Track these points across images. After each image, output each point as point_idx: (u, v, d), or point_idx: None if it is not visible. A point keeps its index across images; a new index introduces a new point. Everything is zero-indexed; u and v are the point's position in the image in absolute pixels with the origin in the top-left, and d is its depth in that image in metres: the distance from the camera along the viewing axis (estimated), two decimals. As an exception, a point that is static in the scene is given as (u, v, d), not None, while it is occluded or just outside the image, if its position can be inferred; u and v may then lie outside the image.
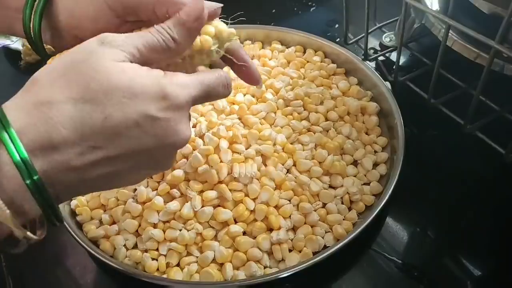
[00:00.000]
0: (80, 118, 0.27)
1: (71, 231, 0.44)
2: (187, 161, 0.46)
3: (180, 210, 0.44)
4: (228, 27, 0.35)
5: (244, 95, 0.54)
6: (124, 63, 0.29)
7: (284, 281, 0.42)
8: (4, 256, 0.45)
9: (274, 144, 0.48)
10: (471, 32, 0.43)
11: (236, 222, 0.45)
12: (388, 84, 0.54)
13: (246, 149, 0.47)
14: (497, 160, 0.47)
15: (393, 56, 0.63)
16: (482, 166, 0.51)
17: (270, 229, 0.44)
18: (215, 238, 0.44)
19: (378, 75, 0.55)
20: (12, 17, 0.37)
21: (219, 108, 0.52)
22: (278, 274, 0.40)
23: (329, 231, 0.45)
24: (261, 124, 0.50)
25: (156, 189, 0.46)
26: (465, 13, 0.47)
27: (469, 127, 0.49)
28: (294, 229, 0.45)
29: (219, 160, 0.45)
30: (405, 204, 0.49)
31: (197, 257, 0.43)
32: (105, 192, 0.47)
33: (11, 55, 0.70)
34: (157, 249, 0.44)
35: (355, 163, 0.50)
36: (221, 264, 0.43)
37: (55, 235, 0.48)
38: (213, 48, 0.34)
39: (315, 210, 0.45)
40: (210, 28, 0.34)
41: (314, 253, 0.43)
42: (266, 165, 0.47)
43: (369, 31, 0.58)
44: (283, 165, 0.48)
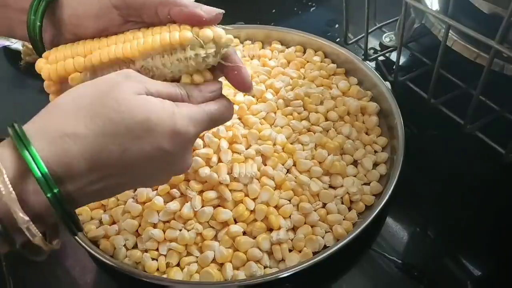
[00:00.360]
0: (99, 152, 0.29)
1: (71, 231, 0.44)
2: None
3: (180, 210, 0.44)
4: (226, 32, 0.35)
5: (244, 95, 0.54)
6: (144, 96, 0.31)
7: (284, 281, 0.42)
8: (4, 256, 0.45)
9: (274, 144, 0.48)
10: (471, 32, 0.43)
11: (236, 222, 0.45)
12: (388, 84, 0.54)
13: (246, 149, 0.47)
14: (497, 160, 0.47)
15: (393, 56, 0.63)
16: (482, 166, 0.51)
17: (270, 229, 0.44)
18: (215, 238, 0.44)
19: (378, 75, 0.55)
20: (13, 19, 0.37)
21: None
22: (278, 274, 0.40)
23: (329, 231, 0.45)
24: (261, 124, 0.50)
25: (156, 189, 0.46)
26: (465, 13, 0.47)
27: (469, 127, 0.49)
28: (294, 229, 0.45)
29: (219, 161, 0.46)
30: (405, 204, 0.49)
31: (197, 257, 0.43)
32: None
33: (11, 55, 0.70)
34: (157, 249, 0.44)
35: (355, 163, 0.50)
36: (221, 264, 0.43)
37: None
38: (210, 52, 0.34)
39: (315, 210, 0.45)
40: (208, 32, 0.34)
41: (314, 253, 0.43)
42: (266, 165, 0.47)
43: (369, 31, 0.58)
44: (283, 165, 0.48)
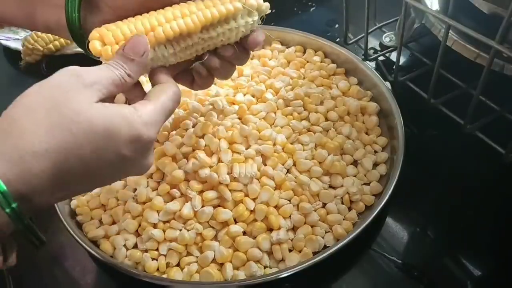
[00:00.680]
0: (61, 166, 0.28)
1: (71, 231, 0.44)
2: (188, 162, 0.46)
3: (180, 210, 0.44)
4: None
5: (244, 95, 0.54)
6: (101, 104, 0.30)
7: (284, 281, 0.42)
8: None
9: (274, 144, 0.48)
10: (471, 32, 0.43)
11: (236, 222, 0.45)
12: (388, 84, 0.54)
13: (246, 149, 0.47)
14: (497, 160, 0.47)
15: (393, 56, 0.63)
16: (482, 166, 0.51)
17: (270, 229, 0.44)
18: (215, 238, 0.44)
19: (378, 75, 0.55)
20: (34, 3, 0.37)
21: (219, 108, 0.52)
22: (278, 274, 0.40)
23: (329, 231, 0.45)
24: (261, 124, 0.50)
25: (156, 189, 0.46)
26: (465, 13, 0.47)
27: (469, 127, 0.49)
28: (294, 229, 0.45)
29: (219, 161, 0.46)
30: (405, 204, 0.49)
31: (197, 257, 0.43)
32: (105, 192, 0.47)
33: (11, 55, 0.70)
34: (157, 249, 0.44)
35: (355, 163, 0.50)
36: (221, 264, 0.43)
37: (55, 236, 0.48)
38: (255, 19, 0.38)
39: (315, 210, 0.45)
40: (253, 1, 0.37)
41: (314, 253, 0.43)
42: (266, 165, 0.47)
43: (369, 31, 0.58)
44: (283, 165, 0.48)
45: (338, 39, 0.67)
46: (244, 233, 0.44)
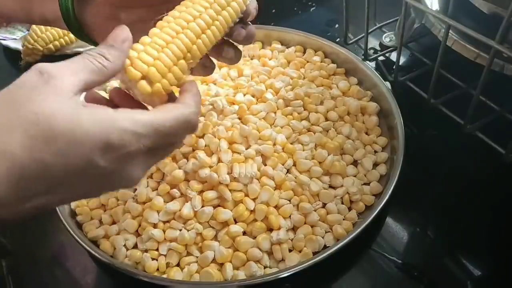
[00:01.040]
0: (20, 170, 0.26)
1: (71, 231, 0.44)
2: (188, 162, 0.46)
3: (180, 210, 0.44)
4: None
5: (244, 95, 0.54)
6: (68, 103, 0.27)
7: (284, 281, 0.42)
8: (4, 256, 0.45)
9: (274, 144, 0.48)
10: (471, 32, 0.43)
11: (236, 222, 0.45)
12: (388, 84, 0.54)
13: (246, 149, 0.47)
14: (497, 160, 0.47)
15: (393, 56, 0.63)
16: (482, 166, 0.51)
17: (270, 229, 0.44)
18: (215, 238, 0.44)
19: (378, 75, 0.55)
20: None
21: (219, 108, 0.52)
22: (278, 274, 0.40)
23: (329, 231, 0.45)
24: (261, 124, 0.50)
25: (156, 189, 0.46)
26: (465, 13, 0.47)
27: (469, 127, 0.49)
28: (294, 229, 0.45)
29: (219, 161, 0.46)
30: (405, 204, 0.49)
31: (197, 257, 0.43)
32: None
33: (11, 55, 0.70)
34: (157, 249, 0.44)
35: (355, 163, 0.50)
36: (221, 264, 0.43)
37: (55, 236, 0.48)
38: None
39: (315, 210, 0.45)
40: None
41: (314, 253, 0.43)
42: (266, 165, 0.47)
43: (369, 31, 0.58)
44: (283, 165, 0.48)
45: (338, 39, 0.67)
46: (244, 233, 0.44)
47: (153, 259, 0.43)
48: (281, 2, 0.77)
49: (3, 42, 0.70)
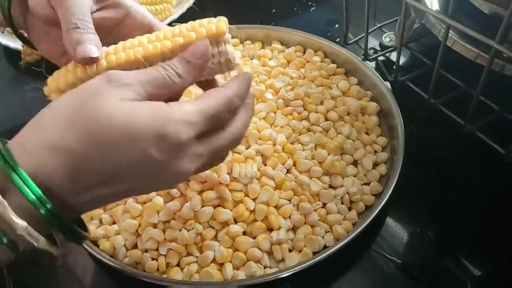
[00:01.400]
0: (78, 163, 0.28)
1: (71, 231, 0.44)
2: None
3: (180, 210, 0.44)
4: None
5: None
6: (127, 102, 0.29)
7: (284, 281, 0.42)
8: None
9: (274, 144, 0.48)
10: (471, 32, 0.43)
11: (236, 222, 0.45)
12: (388, 84, 0.54)
13: (246, 149, 0.47)
14: (497, 160, 0.47)
15: (393, 56, 0.63)
16: (482, 166, 0.51)
17: (270, 229, 0.44)
18: (215, 238, 0.44)
19: (378, 75, 0.55)
20: None
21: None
22: (278, 274, 0.40)
23: (329, 231, 0.45)
24: (261, 124, 0.50)
25: (156, 189, 0.46)
26: (465, 13, 0.47)
27: (469, 127, 0.49)
28: (294, 229, 0.45)
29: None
30: (405, 204, 0.49)
31: (197, 257, 0.43)
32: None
33: (11, 55, 0.70)
34: (157, 249, 0.44)
35: (355, 163, 0.50)
36: (221, 264, 0.43)
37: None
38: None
39: (315, 210, 0.45)
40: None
41: (314, 253, 0.43)
42: (266, 165, 0.47)
43: (369, 31, 0.58)
44: (283, 165, 0.48)
45: (338, 39, 0.67)
46: (244, 233, 0.44)
47: (153, 259, 0.43)
48: (281, 2, 0.77)
49: (4, 42, 0.70)
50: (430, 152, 0.54)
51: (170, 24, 0.43)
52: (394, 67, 0.56)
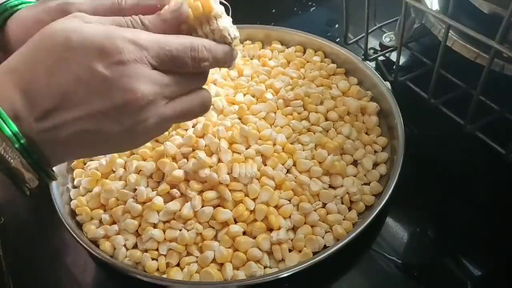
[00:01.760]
0: (26, 82, 0.28)
1: (71, 231, 0.44)
2: (188, 162, 0.46)
3: (180, 210, 0.44)
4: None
5: (244, 95, 0.54)
6: (72, 20, 0.29)
7: (284, 281, 0.42)
8: (4, 256, 0.45)
9: (274, 144, 0.48)
10: (471, 32, 0.43)
11: (236, 222, 0.45)
12: (388, 84, 0.54)
13: (246, 149, 0.47)
14: (497, 160, 0.47)
15: (393, 56, 0.63)
16: (482, 166, 0.51)
17: (270, 229, 0.44)
18: (215, 238, 0.44)
19: (378, 75, 0.55)
20: None
21: (219, 108, 0.52)
22: (278, 274, 0.40)
23: (329, 231, 0.45)
24: (261, 124, 0.50)
25: (156, 189, 0.46)
26: (465, 13, 0.47)
27: (469, 127, 0.49)
28: (294, 229, 0.45)
29: (219, 161, 0.46)
30: (405, 204, 0.49)
31: (197, 257, 0.43)
32: (105, 192, 0.47)
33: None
34: (157, 249, 0.44)
35: (355, 163, 0.50)
36: (221, 264, 0.43)
37: (55, 235, 0.48)
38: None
39: (315, 210, 0.45)
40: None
41: (314, 253, 0.43)
42: (266, 165, 0.47)
43: (369, 31, 0.58)
44: (283, 165, 0.48)
45: (338, 39, 0.67)
46: (244, 233, 0.44)
47: (153, 259, 0.43)
48: (281, 2, 0.77)
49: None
50: (430, 152, 0.54)
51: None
52: (394, 67, 0.56)
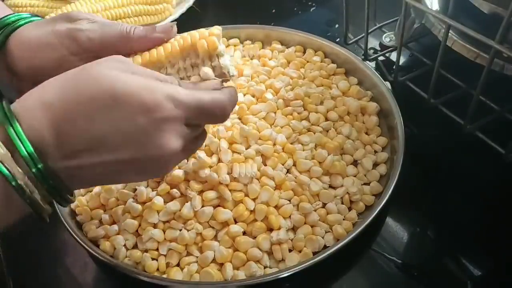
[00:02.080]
0: (63, 120, 0.28)
1: (71, 231, 0.44)
2: (188, 162, 0.46)
3: (180, 210, 0.44)
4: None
5: (244, 95, 0.54)
6: (120, 72, 0.30)
7: (284, 281, 0.42)
8: (4, 257, 0.45)
9: (274, 144, 0.48)
10: (471, 32, 0.43)
11: (236, 222, 0.45)
12: (388, 84, 0.54)
13: (246, 149, 0.47)
14: (497, 160, 0.47)
15: (393, 56, 0.63)
16: (482, 166, 0.51)
17: (270, 229, 0.44)
18: (215, 238, 0.44)
19: (378, 75, 0.55)
20: None
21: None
22: (278, 274, 0.40)
23: (329, 231, 0.45)
24: (261, 124, 0.50)
25: (156, 189, 0.46)
26: (465, 13, 0.47)
27: (469, 127, 0.49)
28: (294, 229, 0.45)
29: (219, 161, 0.46)
30: (405, 204, 0.49)
31: (197, 257, 0.43)
32: (105, 192, 0.47)
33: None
34: (157, 249, 0.44)
35: (355, 163, 0.50)
36: (221, 264, 0.43)
37: (56, 235, 0.48)
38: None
39: (315, 210, 0.45)
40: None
41: (314, 253, 0.43)
42: (266, 165, 0.47)
43: (369, 31, 0.58)
44: (283, 165, 0.48)
45: (338, 39, 0.67)
46: (244, 233, 0.44)
47: (153, 259, 0.43)
48: (281, 2, 0.77)
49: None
50: (430, 152, 0.54)
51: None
52: (394, 67, 0.56)
